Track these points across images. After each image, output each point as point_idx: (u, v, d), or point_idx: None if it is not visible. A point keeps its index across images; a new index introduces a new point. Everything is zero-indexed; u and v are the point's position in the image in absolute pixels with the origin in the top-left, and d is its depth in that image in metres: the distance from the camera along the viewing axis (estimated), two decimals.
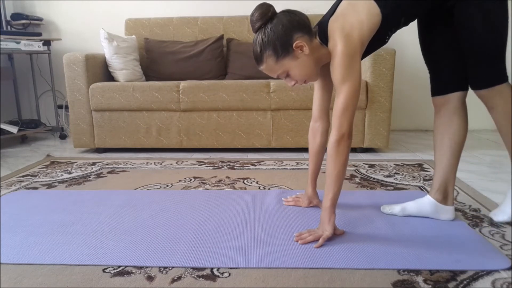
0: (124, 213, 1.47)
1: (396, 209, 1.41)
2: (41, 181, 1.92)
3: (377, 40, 1.19)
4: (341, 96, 1.12)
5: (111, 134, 2.48)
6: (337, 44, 1.11)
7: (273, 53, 1.15)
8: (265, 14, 1.14)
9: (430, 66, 1.34)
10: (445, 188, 1.33)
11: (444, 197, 1.34)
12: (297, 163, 2.18)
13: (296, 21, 1.16)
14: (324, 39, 1.18)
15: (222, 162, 2.25)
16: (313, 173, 1.49)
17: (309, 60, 1.18)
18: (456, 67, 1.27)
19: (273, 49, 1.15)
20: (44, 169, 2.14)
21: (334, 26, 1.13)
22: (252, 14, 1.16)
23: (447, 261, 1.08)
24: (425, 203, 1.36)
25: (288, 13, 1.17)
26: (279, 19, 1.15)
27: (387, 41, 1.24)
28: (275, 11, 1.17)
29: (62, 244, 1.22)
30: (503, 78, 1.18)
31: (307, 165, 2.14)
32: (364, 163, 2.17)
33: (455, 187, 1.72)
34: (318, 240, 1.18)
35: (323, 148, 1.44)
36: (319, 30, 1.20)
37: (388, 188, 1.75)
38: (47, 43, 3.00)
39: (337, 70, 1.12)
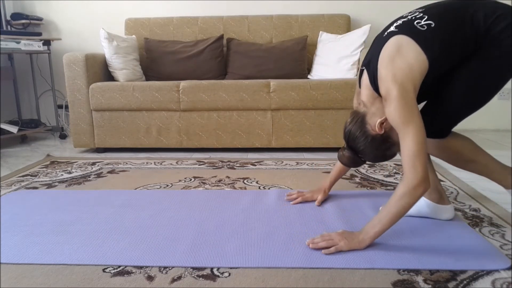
0: (124, 213, 1.47)
1: None
2: (41, 181, 1.92)
3: (428, 85, 1.18)
4: (408, 139, 1.07)
5: (111, 134, 2.48)
6: (391, 90, 1.09)
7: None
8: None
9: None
10: (436, 187, 1.33)
11: (440, 196, 1.34)
12: (297, 163, 2.18)
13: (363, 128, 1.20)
14: (374, 81, 1.18)
15: (222, 162, 2.25)
16: (333, 179, 1.55)
17: (379, 110, 1.19)
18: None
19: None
20: (44, 169, 2.14)
21: (384, 73, 1.12)
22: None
23: (447, 261, 1.08)
24: (423, 205, 1.36)
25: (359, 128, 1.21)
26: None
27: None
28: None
29: (62, 244, 1.22)
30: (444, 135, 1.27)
31: (307, 165, 2.14)
32: None
33: (455, 187, 1.72)
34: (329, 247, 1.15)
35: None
36: (368, 72, 1.20)
37: (388, 188, 1.75)
38: (47, 43, 3.00)
39: (396, 114, 1.08)
